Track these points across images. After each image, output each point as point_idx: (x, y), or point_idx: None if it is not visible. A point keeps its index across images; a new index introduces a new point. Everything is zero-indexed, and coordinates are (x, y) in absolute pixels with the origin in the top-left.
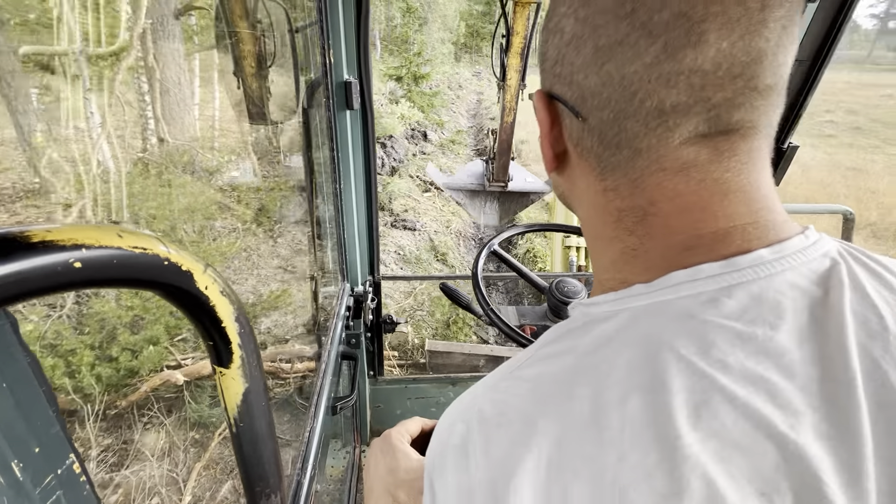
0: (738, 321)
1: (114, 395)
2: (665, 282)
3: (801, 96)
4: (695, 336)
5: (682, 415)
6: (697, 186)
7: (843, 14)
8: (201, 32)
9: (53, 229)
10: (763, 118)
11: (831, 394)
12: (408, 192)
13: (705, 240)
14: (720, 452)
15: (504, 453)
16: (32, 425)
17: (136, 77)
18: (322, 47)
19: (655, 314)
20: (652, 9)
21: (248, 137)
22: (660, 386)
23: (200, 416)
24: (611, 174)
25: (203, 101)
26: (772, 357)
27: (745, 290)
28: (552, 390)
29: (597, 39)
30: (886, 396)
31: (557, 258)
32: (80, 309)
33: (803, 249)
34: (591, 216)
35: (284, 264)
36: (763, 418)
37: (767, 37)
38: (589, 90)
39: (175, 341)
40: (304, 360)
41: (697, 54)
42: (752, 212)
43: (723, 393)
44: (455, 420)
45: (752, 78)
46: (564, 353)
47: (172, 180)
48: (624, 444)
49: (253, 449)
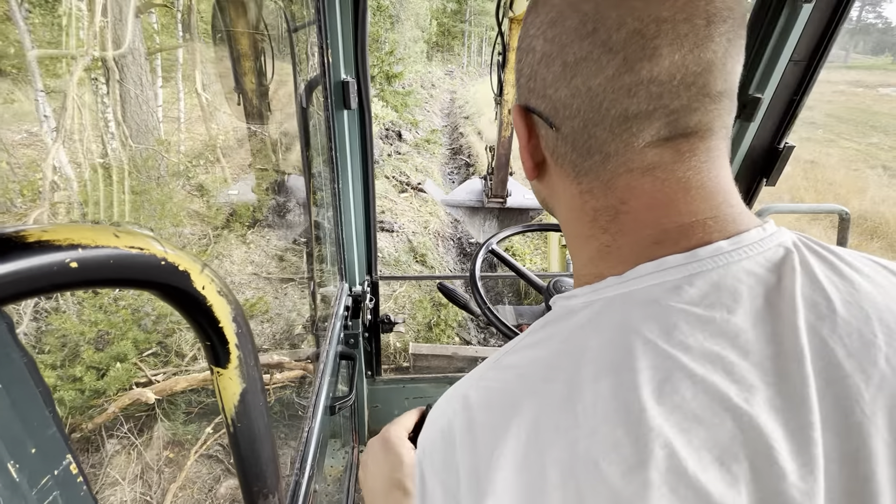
0: (699, 306)
1: (79, 418)
2: (634, 273)
3: (798, 96)
4: (659, 320)
5: (647, 391)
6: (662, 185)
7: (839, 14)
8: (204, 32)
9: (49, 229)
10: (717, 121)
11: (783, 369)
12: (384, 192)
13: (671, 234)
14: (681, 424)
15: (486, 435)
16: (28, 426)
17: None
18: (320, 47)
19: (624, 302)
20: (610, 28)
21: (245, 140)
22: (627, 366)
23: (175, 433)
24: (585, 177)
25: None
26: (728, 337)
27: (705, 278)
28: (532, 374)
29: (564, 57)
30: (833, 373)
31: (555, 257)
32: (38, 325)
33: (760, 240)
34: (570, 218)
35: (282, 265)
36: (720, 392)
37: (714, 49)
38: (560, 102)
39: (144, 356)
40: (303, 361)
41: (653, 66)
42: (712, 207)
43: (684, 370)
44: (443, 409)
45: (705, 86)
46: (544, 340)
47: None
48: (596, 418)
49: (251, 449)
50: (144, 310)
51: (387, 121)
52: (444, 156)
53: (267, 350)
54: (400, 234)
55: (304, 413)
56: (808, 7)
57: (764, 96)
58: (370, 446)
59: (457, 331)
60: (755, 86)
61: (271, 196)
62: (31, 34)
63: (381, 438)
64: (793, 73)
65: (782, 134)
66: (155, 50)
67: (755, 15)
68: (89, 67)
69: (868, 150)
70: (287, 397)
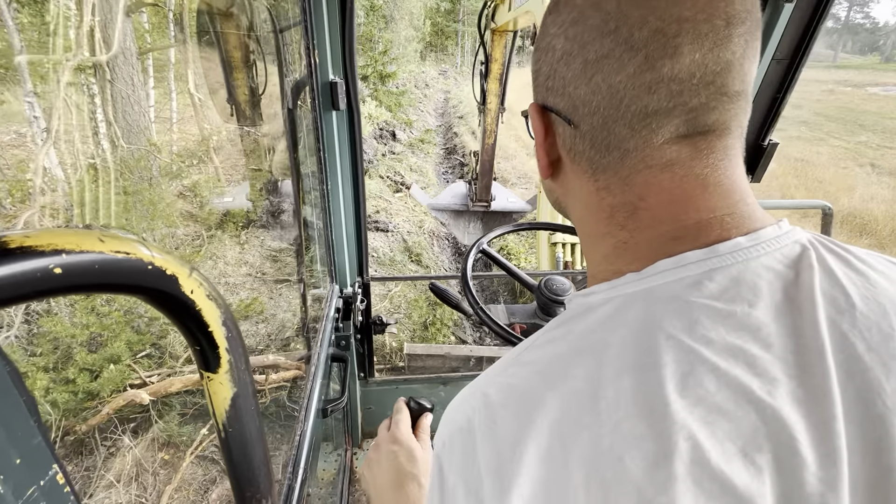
0: (719, 300)
1: (72, 420)
2: (653, 269)
3: (780, 94)
4: (681, 315)
5: (670, 385)
6: (681, 181)
7: (819, 13)
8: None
9: (32, 234)
10: (734, 120)
11: (805, 362)
12: (379, 192)
13: (689, 230)
14: (705, 417)
15: (508, 430)
16: (13, 436)
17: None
18: (307, 47)
19: (645, 298)
20: (633, 26)
21: (236, 141)
22: (650, 361)
23: (170, 435)
24: (602, 174)
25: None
26: (750, 331)
27: (725, 273)
28: (553, 370)
29: (585, 54)
30: (854, 365)
31: (544, 256)
32: (30, 328)
33: (777, 237)
34: (585, 216)
35: (272, 267)
36: (742, 385)
37: (733, 49)
38: (580, 99)
39: (138, 358)
40: (294, 363)
41: (674, 64)
42: (729, 204)
43: (706, 364)
44: (462, 406)
45: (723, 85)
46: (563, 336)
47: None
48: (619, 413)
49: (242, 454)
50: (137, 311)
51: (381, 120)
52: (438, 155)
53: (257, 353)
54: (395, 234)
55: (296, 416)
56: (790, 7)
57: None
58: (378, 443)
59: (452, 330)
60: None
61: (264, 197)
62: (20, 33)
63: (391, 436)
64: (775, 72)
65: (766, 131)
66: (146, 50)
67: None
68: (79, 67)
69: (857, 149)
70: (278, 400)
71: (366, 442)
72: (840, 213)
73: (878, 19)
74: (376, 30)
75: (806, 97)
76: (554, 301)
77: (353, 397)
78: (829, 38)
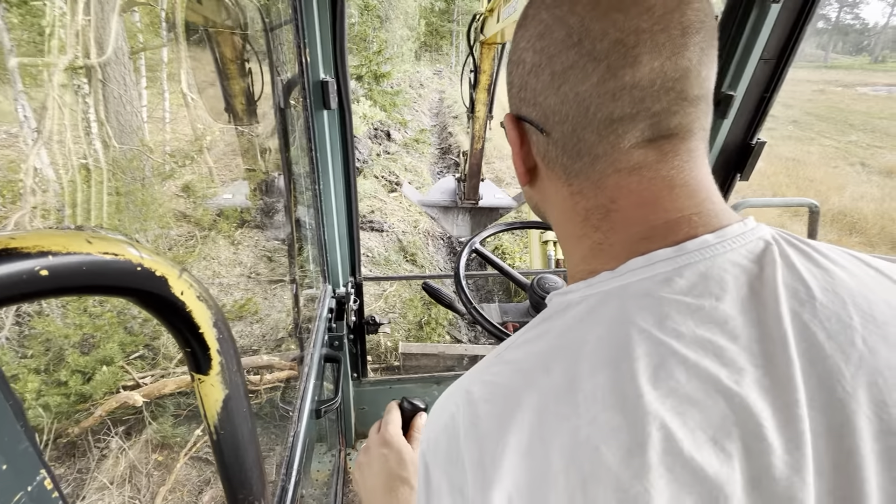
0: (688, 295)
1: (65, 422)
2: (626, 267)
3: (768, 93)
4: (652, 310)
5: (643, 378)
6: (649, 184)
7: (806, 13)
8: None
9: (17, 235)
10: (696, 123)
11: (769, 352)
12: (373, 192)
13: (659, 230)
14: (676, 407)
15: (490, 426)
16: None
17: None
18: (298, 46)
19: (619, 295)
20: (595, 39)
21: (231, 141)
22: (624, 355)
23: (163, 436)
24: (575, 179)
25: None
26: (717, 323)
27: (694, 269)
28: (533, 368)
29: (552, 66)
30: (816, 353)
31: (536, 254)
32: (21, 330)
33: (742, 234)
34: (562, 220)
35: (264, 268)
36: (711, 375)
37: (689, 57)
38: (550, 109)
39: (131, 359)
40: (287, 364)
41: (635, 72)
42: (695, 203)
43: (677, 356)
44: (446, 405)
45: (682, 90)
46: (543, 335)
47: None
48: (596, 406)
49: (235, 456)
50: (130, 312)
51: (375, 120)
52: (433, 155)
53: (250, 354)
54: (390, 234)
55: (289, 417)
56: (777, 7)
57: (736, 93)
58: (368, 446)
59: (447, 329)
60: (727, 83)
61: (257, 197)
62: (10, 32)
63: (381, 438)
64: (763, 71)
65: (754, 130)
66: (139, 49)
67: (726, 15)
68: (70, 67)
69: (847, 148)
70: (271, 401)
71: (359, 442)
72: (830, 211)
73: (867, 20)
74: (371, 29)
75: (796, 97)
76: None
77: (346, 398)
78: (819, 38)
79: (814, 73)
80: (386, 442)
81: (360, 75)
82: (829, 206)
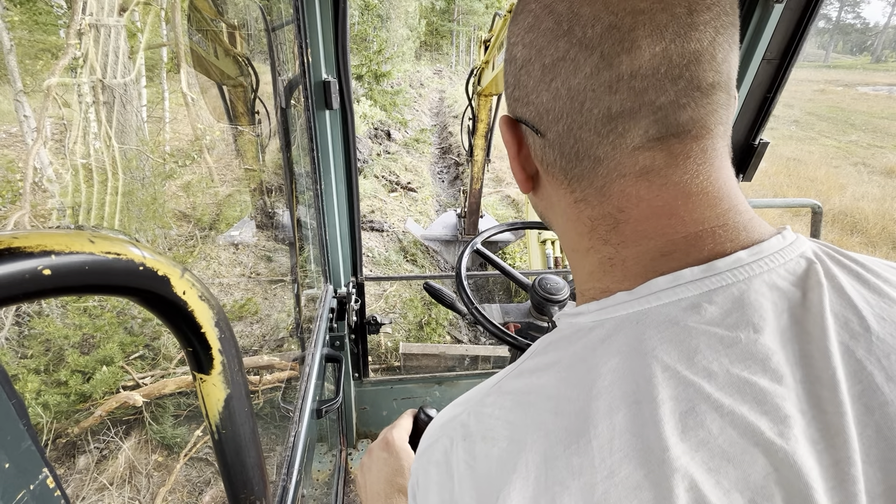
0: (721, 326)
1: (64, 423)
2: (647, 289)
3: (771, 93)
4: (678, 343)
5: (668, 425)
6: (660, 191)
7: (809, 13)
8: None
9: (20, 235)
10: (712, 117)
11: (817, 397)
12: (374, 192)
13: (679, 245)
14: (708, 463)
15: (490, 470)
16: (2, 440)
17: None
18: (299, 46)
19: (638, 323)
20: (585, 25)
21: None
22: (646, 396)
23: (163, 437)
24: (578, 185)
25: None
26: (757, 361)
27: (726, 293)
28: (538, 403)
29: (542, 59)
30: (873, 399)
31: (535, 254)
32: (20, 330)
33: (780, 250)
34: (567, 229)
35: (266, 268)
36: (750, 426)
37: (699, 38)
38: (543, 107)
39: (131, 359)
40: (288, 364)
41: (633, 60)
42: (718, 214)
43: (708, 401)
44: (439, 435)
45: (693, 78)
46: (550, 365)
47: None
48: (613, 457)
49: (236, 455)
50: (130, 312)
51: (375, 120)
52: (433, 155)
53: (251, 354)
54: (390, 234)
55: (290, 417)
56: (780, 7)
57: (739, 94)
58: (372, 449)
59: (448, 329)
60: None
61: (258, 197)
62: (10, 32)
63: (384, 441)
64: (766, 72)
65: (757, 131)
66: (138, 48)
67: None
68: (71, 66)
69: (848, 148)
70: (273, 401)
71: (360, 442)
72: (831, 211)
73: (868, 20)
74: (371, 29)
75: (797, 97)
76: (548, 300)
77: (347, 397)
78: (820, 38)
79: (815, 72)
80: (388, 446)
81: (360, 75)
82: (831, 205)
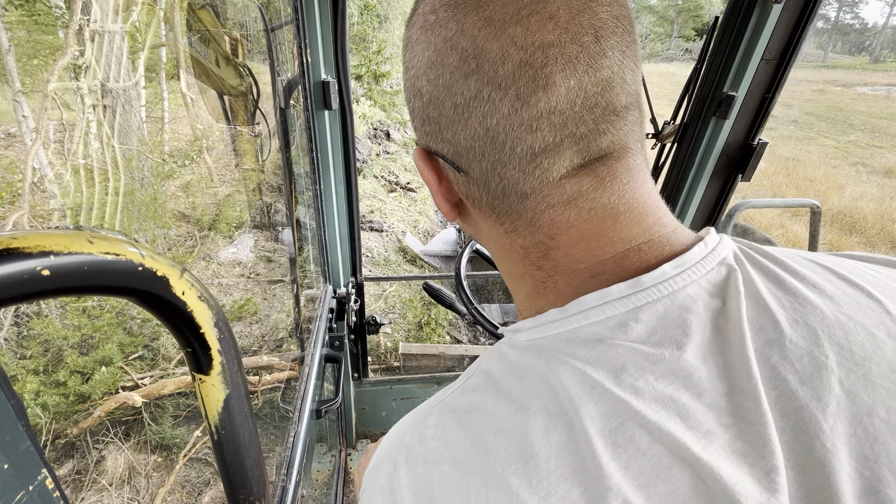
0: (646, 343)
1: (63, 423)
2: (577, 306)
3: (769, 94)
4: (606, 361)
5: (600, 442)
6: (588, 215)
7: (808, 13)
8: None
9: (19, 235)
10: (629, 136)
11: (740, 408)
12: (373, 192)
13: (607, 265)
14: (639, 479)
15: (433, 495)
16: (1, 441)
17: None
18: (298, 46)
19: (569, 341)
20: (495, 62)
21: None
22: (577, 414)
23: (162, 437)
24: (507, 218)
25: None
26: (680, 377)
27: (651, 310)
28: (477, 423)
29: (453, 98)
30: (788, 404)
31: None
32: (19, 331)
33: (702, 260)
34: (501, 256)
35: (266, 268)
36: (675, 441)
37: (609, 65)
38: (461, 146)
39: (130, 360)
40: (288, 364)
41: (549, 97)
42: (644, 230)
43: (636, 418)
44: (383, 458)
45: (609, 104)
46: (490, 384)
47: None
48: (550, 477)
49: (235, 456)
50: (129, 313)
51: (375, 120)
52: None
53: (251, 354)
54: (389, 234)
55: (289, 417)
56: (778, 7)
57: (738, 94)
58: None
59: (447, 329)
60: (729, 84)
61: (257, 197)
62: (8, 32)
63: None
64: (765, 72)
65: (756, 131)
66: (138, 49)
67: (727, 15)
68: (70, 67)
69: (847, 148)
70: (272, 402)
71: (360, 442)
72: (830, 211)
73: (867, 20)
74: (370, 29)
75: (796, 97)
76: None
77: (347, 398)
78: (818, 38)
79: (813, 72)
80: None
81: (359, 75)
82: (829, 205)
